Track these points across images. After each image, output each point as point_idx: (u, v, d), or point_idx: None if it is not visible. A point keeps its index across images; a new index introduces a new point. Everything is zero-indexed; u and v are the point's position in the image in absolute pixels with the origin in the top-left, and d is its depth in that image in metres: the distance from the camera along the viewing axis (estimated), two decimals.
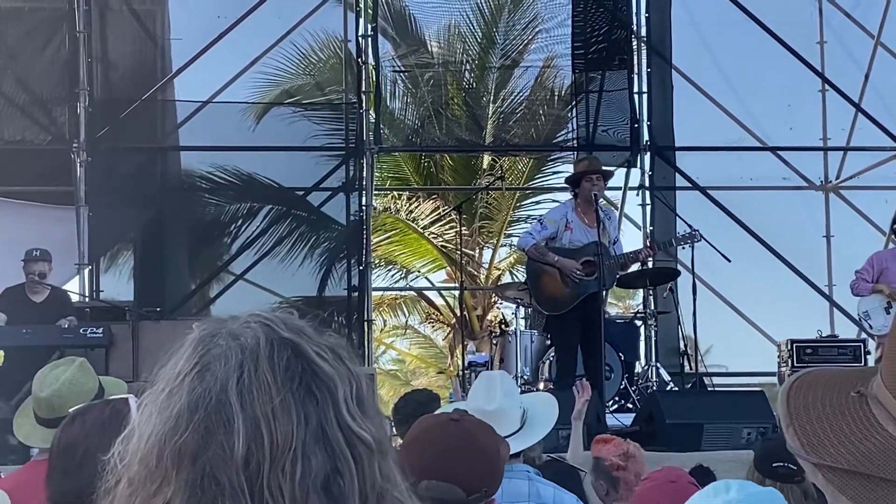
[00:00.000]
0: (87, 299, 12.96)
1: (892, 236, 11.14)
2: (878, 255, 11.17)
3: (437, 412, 3.89)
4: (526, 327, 11.89)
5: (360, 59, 14.48)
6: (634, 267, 11.65)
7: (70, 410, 3.12)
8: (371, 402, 1.40)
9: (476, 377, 8.35)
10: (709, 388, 12.18)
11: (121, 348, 10.27)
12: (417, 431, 3.11)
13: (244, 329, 1.38)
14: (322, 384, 1.35)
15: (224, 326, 1.39)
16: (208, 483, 1.29)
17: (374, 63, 14.75)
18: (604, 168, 10.83)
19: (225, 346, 1.36)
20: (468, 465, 2.98)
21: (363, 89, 14.42)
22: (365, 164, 14.22)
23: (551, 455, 6.90)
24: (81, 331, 10.26)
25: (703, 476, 5.49)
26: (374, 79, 14.75)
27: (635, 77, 14.48)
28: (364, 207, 14.19)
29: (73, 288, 12.87)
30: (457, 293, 17.79)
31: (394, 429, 7.05)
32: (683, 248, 11.04)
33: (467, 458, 2.99)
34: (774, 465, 4.07)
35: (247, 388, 1.32)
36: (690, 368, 12.19)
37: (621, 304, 20.15)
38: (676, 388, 11.68)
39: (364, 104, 14.38)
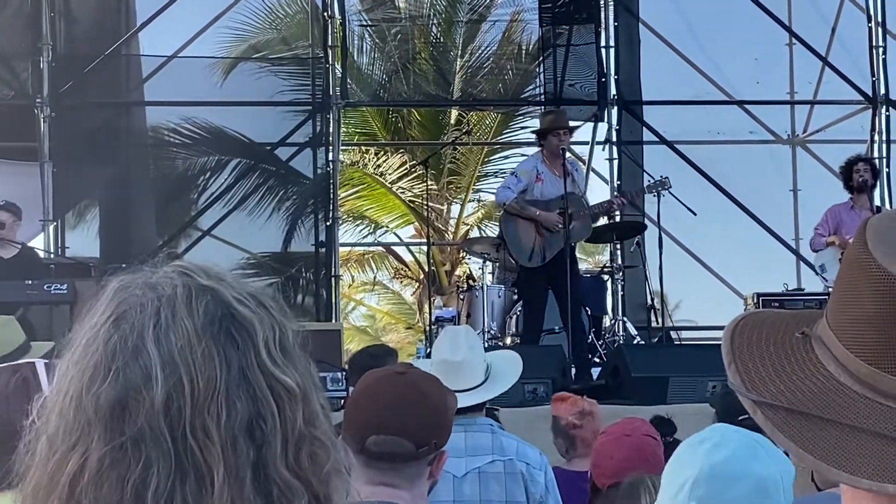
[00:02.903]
0: (52, 256, 12.89)
1: (855, 190, 11.16)
2: (832, 209, 11.23)
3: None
4: (493, 282, 11.90)
5: (326, 14, 14.39)
6: (603, 221, 11.67)
7: None
8: (297, 350, 1.39)
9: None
10: (675, 342, 12.24)
11: (86, 305, 10.15)
12: (364, 385, 3.09)
13: (161, 278, 1.37)
14: (242, 328, 1.34)
15: (141, 277, 1.38)
16: (129, 431, 1.28)
17: (340, 17, 14.66)
18: (570, 123, 10.86)
19: (141, 294, 1.35)
20: (415, 418, 2.97)
21: (330, 44, 14.34)
22: (332, 119, 14.16)
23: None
24: (45, 287, 10.17)
25: (663, 426, 5.51)
26: (341, 33, 14.66)
27: (603, 31, 14.44)
28: (331, 162, 14.14)
29: (39, 244, 12.78)
30: (425, 248, 17.78)
31: (347, 381, 7.04)
32: (654, 195, 11.05)
33: (414, 411, 2.97)
34: (741, 418, 4.07)
35: (164, 334, 1.31)
36: (657, 322, 12.23)
37: (591, 259, 20.18)
38: (643, 342, 11.72)
39: (331, 59, 14.30)
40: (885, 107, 14.27)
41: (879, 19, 14.38)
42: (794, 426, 1.28)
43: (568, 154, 10.53)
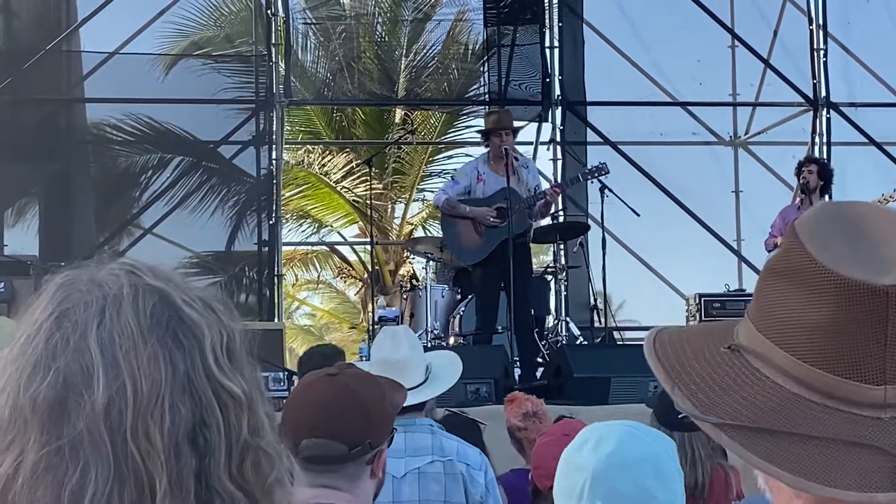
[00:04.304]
0: None
1: (799, 190, 11.26)
2: (783, 210, 11.37)
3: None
4: (436, 282, 11.88)
5: (270, 11, 14.31)
6: (546, 221, 11.67)
7: None
8: (244, 356, 1.34)
9: None
10: (618, 343, 12.26)
11: (23, 303, 10.02)
12: (300, 388, 3.10)
13: (108, 276, 1.31)
14: (189, 331, 1.29)
15: (86, 273, 1.32)
16: (68, 434, 1.22)
17: (284, 15, 14.57)
18: (514, 124, 10.83)
19: (86, 291, 1.29)
20: (347, 419, 2.96)
21: (273, 41, 14.25)
22: (275, 118, 14.08)
23: (451, 409, 6.90)
24: None
25: None
26: (285, 31, 14.57)
27: (547, 32, 14.46)
28: (274, 161, 14.07)
29: None
30: (369, 248, 17.71)
31: (290, 381, 6.99)
32: (591, 181, 11.04)
33: (345, 412, 2.96)
34: (681, 416, 4.06)
35: (108, 335, 1.26)
36: (600, 323, 12.26)
37: (534, 259, 20.18)
38: (585, 342, 11.73)
39: (274, 57, 14.22)
40: (825, 109, 14.38)
41: (821, 22, 14.50)
42: (762, 444, 1.20)
43: (521, 154, 10.49)
